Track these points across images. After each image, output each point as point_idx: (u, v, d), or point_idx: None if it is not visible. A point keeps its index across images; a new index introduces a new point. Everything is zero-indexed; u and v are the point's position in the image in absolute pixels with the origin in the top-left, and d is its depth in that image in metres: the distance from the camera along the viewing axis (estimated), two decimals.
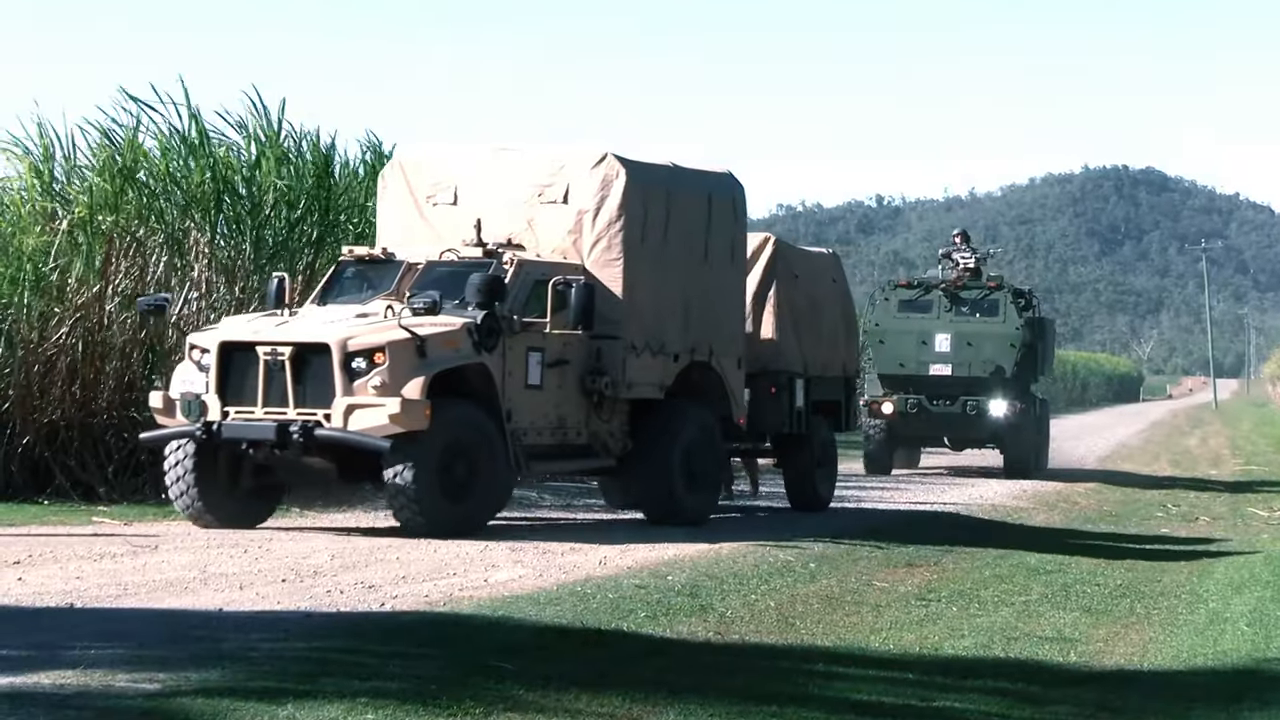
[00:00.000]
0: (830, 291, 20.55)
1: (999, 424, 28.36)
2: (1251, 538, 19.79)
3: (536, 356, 15.79)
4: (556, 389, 16.03)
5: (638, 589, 12.31)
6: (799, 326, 19.51)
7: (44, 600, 10.82)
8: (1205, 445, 45.50)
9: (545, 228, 16.54)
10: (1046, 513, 22.41)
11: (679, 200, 17.11)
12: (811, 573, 14.05)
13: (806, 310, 19.73)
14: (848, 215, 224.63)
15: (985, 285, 29.08)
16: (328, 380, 14.58)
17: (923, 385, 28.62)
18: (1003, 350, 28.35)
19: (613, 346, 16.32)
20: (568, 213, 16.48)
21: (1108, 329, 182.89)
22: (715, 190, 17.60)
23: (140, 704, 7.64)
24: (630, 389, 16.49)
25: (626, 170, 16.45)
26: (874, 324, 29.11)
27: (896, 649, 10.70)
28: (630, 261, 16.42)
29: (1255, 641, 11.34)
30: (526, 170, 16.77)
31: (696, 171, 17.68)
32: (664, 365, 16.91)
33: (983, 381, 28.38)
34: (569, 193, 16.52)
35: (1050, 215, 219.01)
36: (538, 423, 15.91)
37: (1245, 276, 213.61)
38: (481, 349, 15.10)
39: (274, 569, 12.66)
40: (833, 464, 20.52)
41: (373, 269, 16.22)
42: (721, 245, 17.62)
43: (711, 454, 17.44)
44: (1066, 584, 14.28)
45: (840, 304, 20.81)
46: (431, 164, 17.30)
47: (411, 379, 14.51)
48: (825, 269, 20.81)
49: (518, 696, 8.36)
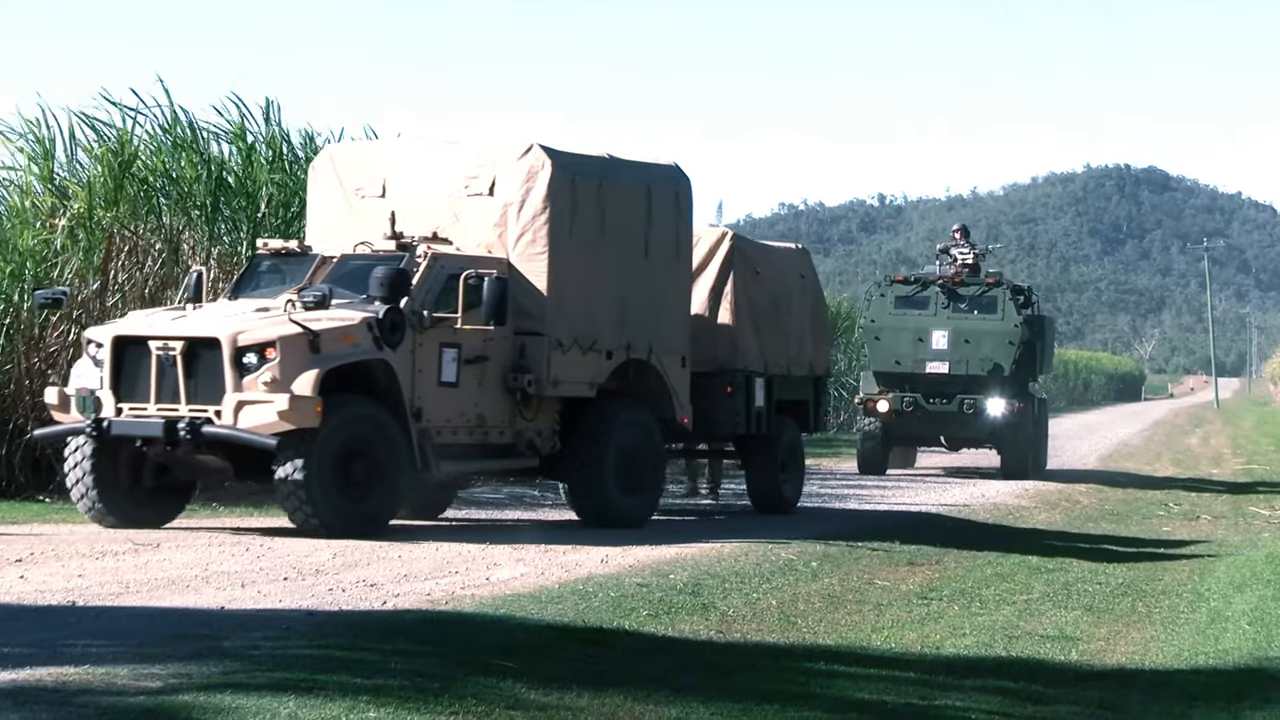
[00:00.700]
0: (798, 288, 19.96)
1: (996, 423, 27.75)
2: (1253, 536, 19.79)
3: (452, 353, 15.35)
4: (475, 386, 15.57)
5: (639, 587, 12.32)
6: (760, 324, 18.98)
7: (46, 598, 10.83)
8: (1207, 444, 45.48)
9: (471, 221, 16.07)
10: (1048, 512, 22.40)
11: (614, 193, 16.54)
12: (813, 571, 14.05)
13: (769, 308, 19.19)
14: (850, 214, 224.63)
15: (984, 282, 28.44)
16: (218, 376, 14.22)
17: (919, 383, 28.04)
18: (1001, 348, 27.78)
19: (537, 343, 15.84)
20: (493, 206, 16.00)
21: (1109, 328, 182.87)
22: (656, 183, 17.03)
23: (142, 701, 7.65)
24: (556, 387, 16.01)
25: (552, 161, 15.93)
26: (870, 320, 28.65)
27: (898, 647, 10.70)
28: (556, 255, 15.90)
29: (1257, 640, 11.34)
30: (453, 163, 16.33)
31: (635, 164, 17.15)
32: (596, 363, 16.38)
33: (980, 380, 27.79)
34: (495, 185, 16.03)
35: (1052, 214, 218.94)
36: (453, 421, 15.46)
37: (1247, 276, 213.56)
38: (383, 344, 14.67)
39: (276, 567, 12.66)
40: (799, 465, 19.94)
41: (288, 262, 15.78)
42: (664, 240, 17.06)
43: (650, 455, 16.89)
44: (1068, 582, 14.28)
45: (810, 301, 20.18)
46: (360, 157, 16.98)
47: (302, 375, 14.11)
48: (792, 265, 20.17)
49: (519, 695, 8.37)
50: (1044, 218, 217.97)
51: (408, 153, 16.84)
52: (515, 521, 17.56)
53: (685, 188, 17.41)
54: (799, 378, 19.78)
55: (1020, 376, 28.52)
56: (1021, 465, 28.01)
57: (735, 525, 17.92)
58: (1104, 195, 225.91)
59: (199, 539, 14.36)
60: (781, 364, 19.31)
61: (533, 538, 15.26)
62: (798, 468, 19.86)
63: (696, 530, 16.89)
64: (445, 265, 15.38)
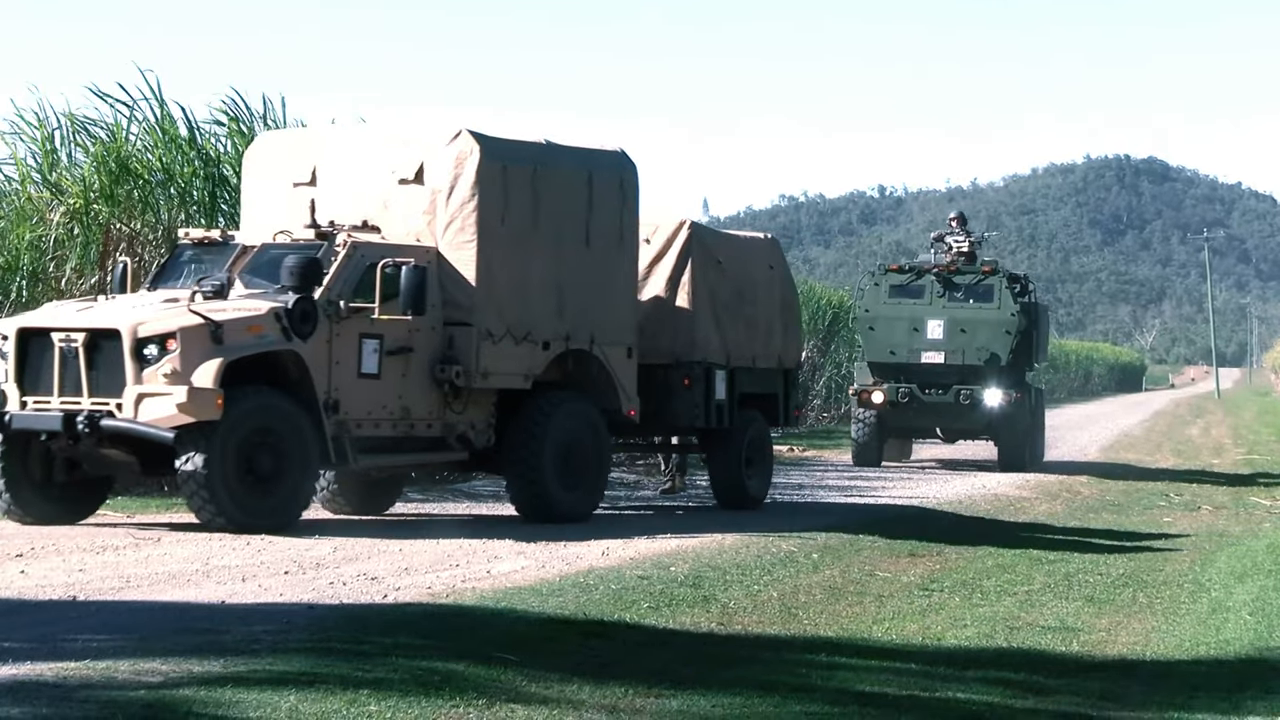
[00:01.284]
0: (766, 279, 19.32)
1: (993, 414, 27.26)
2: (1254, 526, 19.79)
3: (373, 344, 14.98)
4: (399, 378, 15.22)
5: (640, 580, 12.32)
6: (722, 315, 18.41)
7: (47, 593, 10.83)
8: (1208, 435, 45.47)
9: (401, 209, 15.70)
10: (1049, 503, 22.40)
11: (551, 180, 16.10)
12: (814, 563, 14.05)
13: (732, 298, 18.59)
14: (850, 205, 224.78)
15: (980, 270, 27.84)
16: (119, 368, 13.92)
17: (914, 374, 27.49)
18: (998, 337, 27.20)
19: (465, 334, 15.44)
20: (423, 193, 15.63)
21: (1110, 319, 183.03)
22: (598, 169, 16.58)
23: (143, 696, 7.65)
24: (486, 378, 15.60)
25: (481, 147, 15.51)
26: (864, 310, 28.02)
27: (899, 639, 10.70)
28: (486, 244, 15.48)
29: (1258, 630, 11.33)
30: (383, 149, 15.99)
31: (575, 149, 16.68)
32: (531, 353, 15.97)
33: (977, 370, 27.26)
34: (423, 172, 15.65)
35: (1052, 205, 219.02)
36: (375, 413, 15.10)
37: (1247, 266, 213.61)
38: (293, 335, 14.35)
39: (276, 561, 12.66)
40: (766, 461, 19.35)
41: (209, 252, 15.46)
42: (607, 228, 16.61)
43: (593, 448, 16.46)
44: (1069, 573, 14.28)
45: (779, 292, 19.54)
46: (293, 145, 16.64)
47: (202, 366, 13.82)
48: (760, 255, 19.50)
49: (521, 687, 8.37)
50: (1044, 209, 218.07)
51: (339, 140, 16.56)
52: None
53: (630, 174, 16.96)
54: (766, 370, 19.20)
55: (1017, 366, 28.06)
56: (1019, 457, 27.63)
57: (730, 520, 17.89)
58: (1104, 186, 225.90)
59: (199, 533, 14.36)
60: (746, 356, 18.76)
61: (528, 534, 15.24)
62: (764, 463, 19.28)
63: (698, 522, 16.86)
64: (365, 254, 15.02)
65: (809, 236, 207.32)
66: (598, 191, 16.54)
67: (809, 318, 42.79)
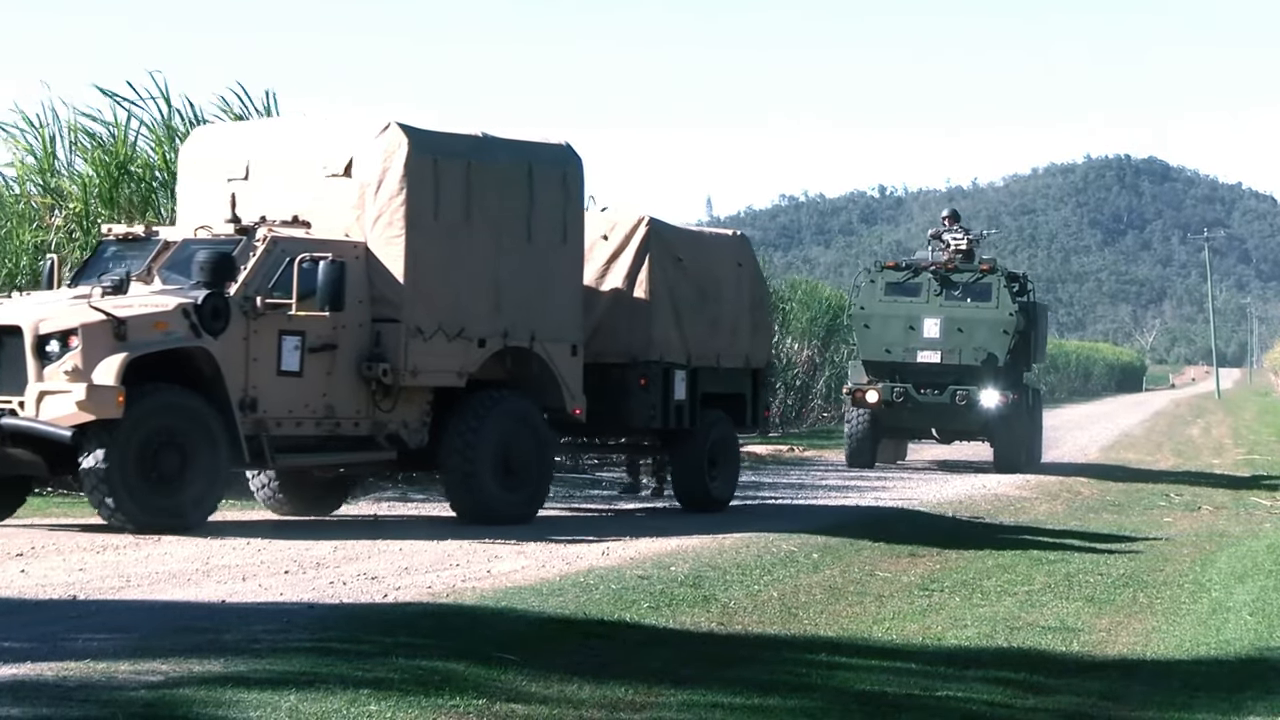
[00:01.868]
0: (733, 277, 18.79)
1: (990, 415, 26.81)
2: (1254, 527, 19.79)
3: (293, 341, 14.67)
4: (324, 376, 14.89)
5: (641, 580, 12.32)
6: (682, 313, 17.95)
7: (47, 592, 10.82)
8: (1208, 435, 45.49)
9: (331, 203, 15.33)
10: (1049, 503, 22.40)
11: (486, 173, 15.71)
12: (814, 563, 14.05)
13: (694, 296, 18.12)
14: (850, 205, 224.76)
15: (977, 268, 27.33)
16: (22, 365, 13.69)
17: (910, 373, 27.06)
18: (995, 337, 26.76)
19: (393, 330, 15.10)
20: (352, 187, 15.28)
21: (1110, 318, 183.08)
22: (539, 163, 16.17)
23: (143, 695, 7.65)
24: (416, 376, 15.24)
25: (410, 140, 15.18)
26: (859, 307, 27.57)
27: (899, 639, 10.70)
28: (415, 238, 15.14)
29: (1258, 631, 11.34)
30: (314, 144, 15.67)
31: (514, 143, 16.27)
32: (465, 351, 15.58)
33: (973, 370, 26.82)
34: (352, 166, 15.30)
35: (1053, 205, 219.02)
36: (297, 412, 14.78)
37: (1248, 266, 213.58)
38: (202, 331, 14.08)
39: (276, 561, 12.66)
40: (732, 462, 18.81)
41: (132, 248, 15.15)
42: (549, 222, 16.20)
43: (533, 448, 16.05)
44: (1069, 574, 14.27)
45: (747, 290, 18.98)
46: (226, 139, 16.39)
47: (103, 363, 13.55)
48: (726, 253, 18.95)
49: (521, 687, 8.37)
50: (1044, 208, 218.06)
51: (271, 134, 16.34)
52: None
53: (574, 168, 16.56)
54: (732, 370, 18.68)
55: (1015, 366, 27.64)
56: (1015, 458, 27.29)
57: (730, 521, 17.88)
58: (1104, 186, 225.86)
59: (199, 533, 14.35)
60: (709, 356, 18.27)
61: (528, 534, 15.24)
62: (730, 464, 18.77)
63: (698, 522, 16.85)
64: (286, 249, 14.69)
65: (809, 236, 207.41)
66: (539, 185, 16.14)
67: (810, 318, 42.77)
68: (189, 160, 16.46)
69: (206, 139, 16.64)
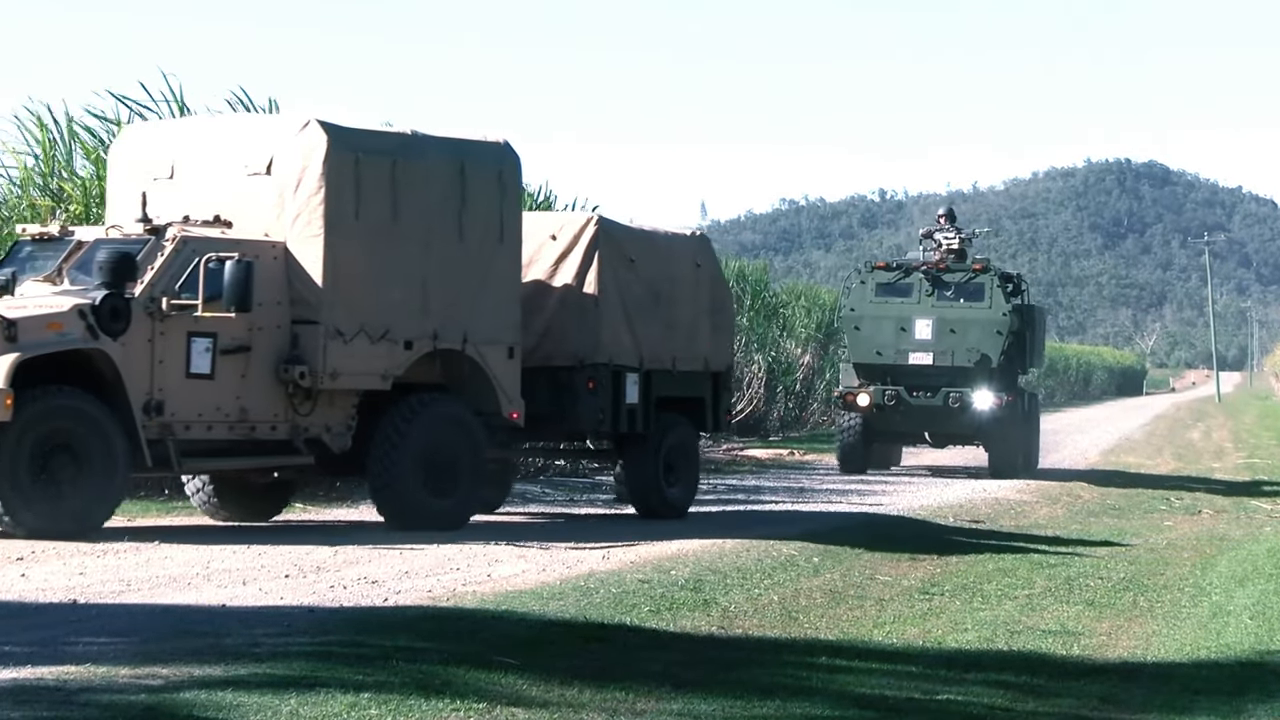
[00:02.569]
0: (690, 278, 18.28)
1: (984, 418, 26.21)
2: (1255, 530, 19.79)
3: (204, 343, 14.29)
4: (237, 378, 14.49)
5: (641, 583, 12.32)
6: (634, 315, 17.47)
7: (47, 596, 10.83)
8: (1208, 438, 45.49)
9: (253, 203, 14.97)
10: (1049, 506, 22.40)
11: (413, 172, 15.31)
12: (815, 567, 14.05)
13: (647, 297, 17.64)
14: (850, 209, 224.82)
15: (970, 268, 26.70)
16: None
17: (901, 375, 26.46)
18: (988, 338, 26.16)
19: (311, 332, 14.70)
20: (272, 186, 14.91)
21: (1110, 322, 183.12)
22: (472, 161, 15.76)
23: (143, 699, 7.65)
24: (335, 379, 14.82)
25: (329, 137, 14.80)
26: (850, 309, 26.94)
27: (900, 642, 10.71)
28: (334, 238, 14.75)
29: (1258, 634, 11.34)
30: (238, 142, 15.36)
31: (445, 140, 15.93)
32: (390, 353, 15.16)
33: (966, 372, 26.18)
34: (272, 164, 14.94)
35: (1053, 209, 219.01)
36: (207, 415, 14.37)
37: (1248, 270, 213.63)
38: (100, 333, 13.72)
39: (277, 564, 12.66)
40: (690, 467, 18.32)
41: (45, 248, 14.86)
42: (482, 221, 15.78)
43: (466, 453, 15.59)
44: (1069, 577, 14.28)
45: (706, 292, 18.45)
46: (153, 139, 16.08)
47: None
48: (684, 254, 18.40)
49: (521, 691, 8.37)
50: (1045, 212, 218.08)
51: (195, 133, 16.05)
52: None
53: (511, 166, 16.15)
54: (690, 373, 18.15)
55: (1009, 368, 26.99)
56: (1010, 464, 26.76)
57: (730, 524, 17.86)
58: (1104, 190, 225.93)
59: (199, 537, 14.35)
60: (664, 358, 17.79)
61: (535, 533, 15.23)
62: (688, 469, 18.26)
63: (699, 527, 16.86)
64: (196, 249, 14.30)
65: (809, 240, 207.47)
66: (472, 184, 15.74)
67: (811, 322, 42.78)
68: (117, 159, 16.20)
69: (135, 138, 16.35)
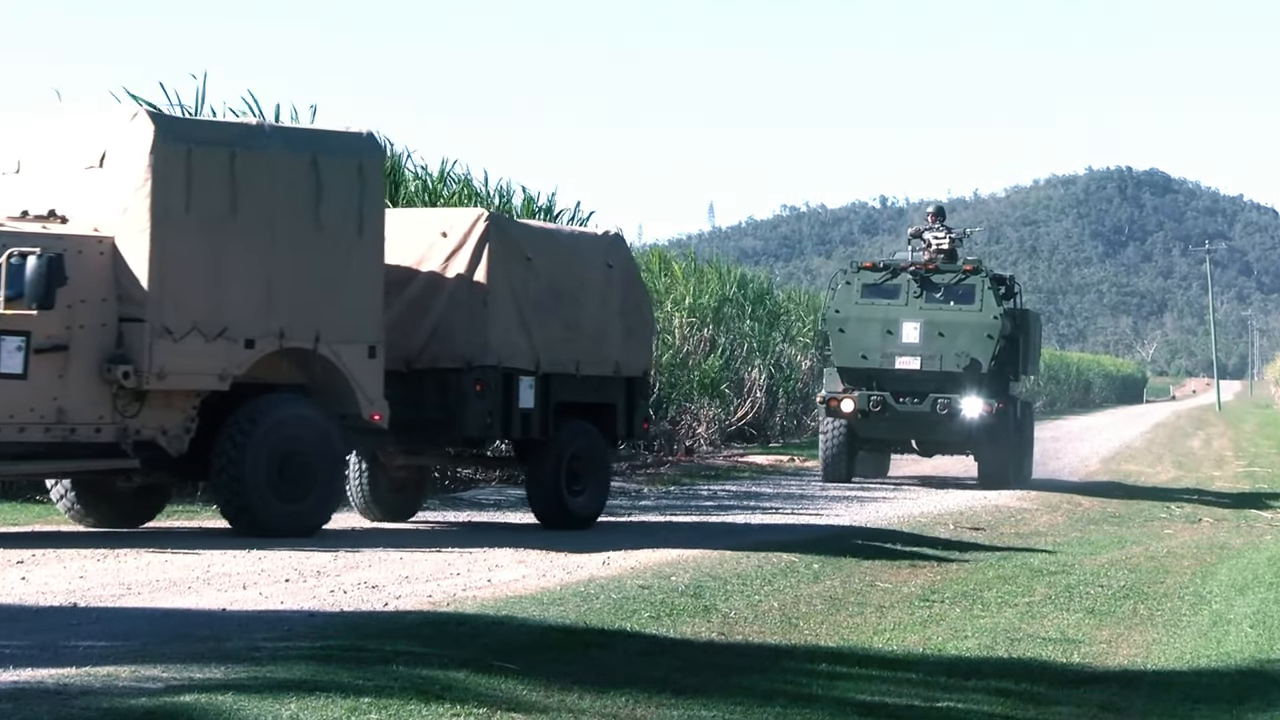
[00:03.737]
0: (600, 278, 17.39)
1: (973, 426, 25.10)
2: (1255, 539, 19.77)
3: (14, 341, 13.71)
4: (55, 379, 13.90)
5: (641, 589, 12.31)
6: (529, 316, 16.59)
7: (47, 599, 10.83)
8: (1209, 447, 45.47)
9: (88, 197, 14.49)
10: (1050, 514, 22.38)
11: (256, 164, 14.72)
12: (815, 573, 14.04)
13: (545, 298, 16.79)
14: (851, 216, 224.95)
15: (960, 269, 25.56)
16: None
17: (887, 380, 25.34)
18: (978, 342, 25.03)
19: (137, 330, 14.10)
20: (104, 179, 14.44)
21: (1111, 330, 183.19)
22: (328, 153, 15.21)
23: (143, 703, 7.65)
24: (162, 379, 14.19)
25: (157, 128, 14.30)
26: (834, 311, 25.84)
27: (900, 650, 10.70)
28: (162, 232, 14.16)
29: (1259, 643, 11.33)
30: (78, 136, 14.86)
31: (296, 131, 15.54)
32: (228, 352, 14.55)
33: (955, 377, 25.09)
34: (105, 157, 14.46)
35: (1054, 217, 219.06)
36: (19, 417, 13.77)
37: (1249, 278, 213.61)
38: None
39: (277, 568, 12.66)
40: (598, 476, 17.26)
41: None
42: (339, 216, 15.21)
43: (318, 456, 14.96)
44: (1070, 585, 14.26)
45: (618, 293, 17.54)
46: (4, 135, 15.58)
47: None
48: (593, 253, 17.52)
49: (521, 696, 8.37)
50: (1046, 220, 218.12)
51: (40, 127, 15.68)
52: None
53: (373, 158, 15.66)
54: (599, 378, 17.25)
55: (1000, 374, 25.87)
56: (1000, 474, 25.61)
57: (728, 528, 17.83)
58: (1106, 197, 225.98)
59: (199, 540, 14.35)
60: (566, 362, 16.90)
61: (529, 543, 15.22)
62: (596, 479, 17.23)
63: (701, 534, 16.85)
64: (5, 244, 13.82)
65: (810, 246, 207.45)
66: (327, 177, 15.15)
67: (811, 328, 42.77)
68: None
69: None
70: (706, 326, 34.56)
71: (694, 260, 37.68)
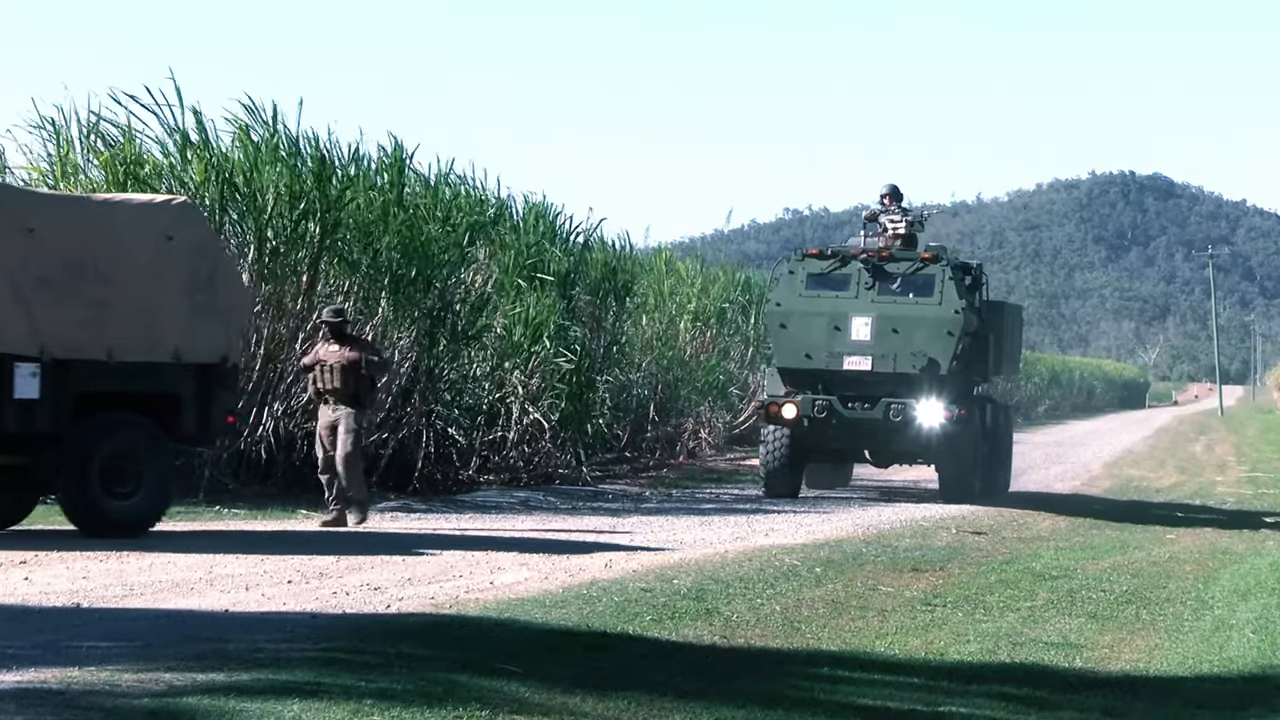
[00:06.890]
0: (151, 252, 15.22)
1: (931, 434, 22.47)
2: (1257, 544, 19.76)
3: None
4: None
5: (643, 592, 12.31)
6: (30, 294, 14.45)
7: (50, 600, 10.83)
8: (1211, 452, 45.45)
9: None
10: (1051, 518, 22.37)
11: None
12: (817, 577, 14.04)
13: (59, 274, 14.60)
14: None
15: (918, 256, 22.67)
16: None
17: (834, 383, 22.51)
18: (937, 339, 22.28)
19: None
20: None
21: (1114, 335, 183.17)
22: None
23: (146, 704, 7.65)
24: None
25: None
26: (775, 304, 22.97)
27: (902, 654, 10.69)
28: None
29: (1261, 648, 11.33)
30: None
31: None
32: None
33: (910, 379, 22.36)
34: None
35: (1057, 221, 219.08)
36: None
37: (1252, 283, 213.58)
38: None
39: (280, 570, 12.67)
40: (152, 477, 15.10)
41: None
42: None
43: None
44: (1072, 590, 14.26)
45: (182, 269, 15.43)
46: None
47: None
48: (142, 223, 15.32)
49: (523, 698, 8.37)
50: (1049, 224, 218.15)
51: None
52: None
53: None
54: (145, 364, 15.16)
55: (963, 376, 23.26)
56: (964, 487, 23.03)
57: (729, 530, 17.83)
58: (1109, 202, 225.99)
59: (202, 542, 14.36)
60: (92, 346, 14.80)
61: (537, 542, 15.23)
62: (151, 480, 15.10)
63: (702, 535, 16.85)
64: None
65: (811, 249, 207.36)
66: None
67: None
68: None
69: None
70: (710, 329, 34.56)
71: (700, 263, 37.53)
